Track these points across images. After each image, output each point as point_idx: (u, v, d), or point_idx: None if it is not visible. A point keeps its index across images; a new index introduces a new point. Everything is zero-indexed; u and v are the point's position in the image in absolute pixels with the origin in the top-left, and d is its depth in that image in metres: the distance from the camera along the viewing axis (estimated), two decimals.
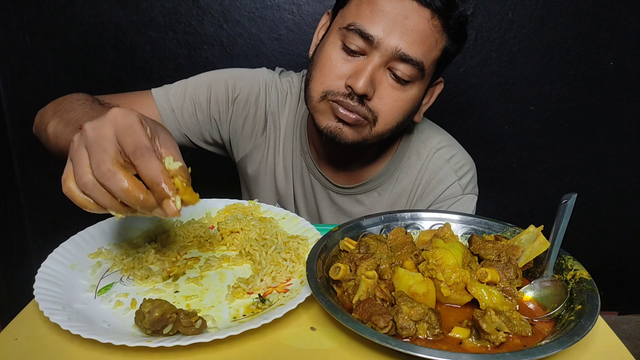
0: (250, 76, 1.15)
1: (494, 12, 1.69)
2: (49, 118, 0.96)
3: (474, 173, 1.15)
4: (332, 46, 0.95)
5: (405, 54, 0.89)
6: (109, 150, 0.56)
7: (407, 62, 0.90)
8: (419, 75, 0.93)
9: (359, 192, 1.14)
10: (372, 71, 0.91)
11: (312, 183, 1.16)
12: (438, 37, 0.92)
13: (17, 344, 0.61)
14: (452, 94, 1.80)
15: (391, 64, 0.92)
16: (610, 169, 1.92)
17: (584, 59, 1.75)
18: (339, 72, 0.93)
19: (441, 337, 0.61)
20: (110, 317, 0.66)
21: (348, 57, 0.93)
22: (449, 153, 1.13)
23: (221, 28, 1.70)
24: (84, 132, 0.59)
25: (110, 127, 0.58)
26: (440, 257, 0.68)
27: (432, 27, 0.90)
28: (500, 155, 1.91)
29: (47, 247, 0.77)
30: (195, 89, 1.11)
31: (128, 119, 0.58)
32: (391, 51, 0.89)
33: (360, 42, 0.91)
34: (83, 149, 0.58)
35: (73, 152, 0.59)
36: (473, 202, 1.13)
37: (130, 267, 0.77)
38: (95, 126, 0.58)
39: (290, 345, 0.62)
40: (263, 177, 1.18)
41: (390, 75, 0.93)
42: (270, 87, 1.15)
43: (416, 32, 0.89)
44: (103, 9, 1.66)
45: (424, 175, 1.12)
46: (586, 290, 0.66)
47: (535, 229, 0.75)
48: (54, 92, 1.76)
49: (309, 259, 0.71)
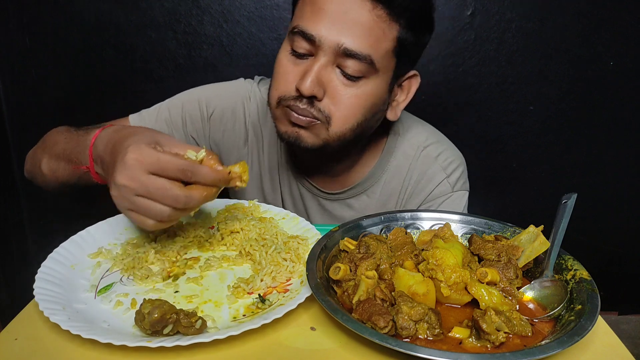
0: (225, 90, 1.14)
1: (492, 12, 1.69)
2: (40, 157, 0.97)
3: (464, 168, 1.13)
4: (283, 52, 0.94)
5: (349, 49, 0.86)
6: (170, 188, 0.67)
7: (353, 57, 0.87)
8: (370, 70, 0.89)
9: (348, 196, 1.12)
10: (319, 71, 0.88)
11: (301, 191, 1.14)
12: (385, 28, 0.88)
13: (17, 344, 0.61)
14: (451, 93, 1.80)
15: (339, 62, 0.89)
16: (610, 169, 1.92)
17: (584, 58, 1.75)
18: (289, 76, 0.91)
19: (441, 337, 0.61)
20: (110, 317, 0.66)
21: (297, 61, 0.91)
22: (437, 150, 1.11)
23: (221, 28, 1.70)
24: (119, 188, 0.67)
25: (147, 169, 0.66)
26: (440, 257, 0.68)
27: (376, 17, 0.86)
28: (500, 155, 1.90)
29: (47, 247, 0.77)
30: (169, 111, 1.11)
31: (148, 156, 0.66)
32: (334, 48, 0.87)
33: (305, 44, 0.89)
34: (140, 199, 0.67)
35: (127, 207, 0.68)
36: (464, 199, 1.11)
37: (130, 267, 0.77)
38: (131, 176, 0.66)
39: (290, 345, 0.62)
40: (250, 189, 1.17)
41: (339, 73, 0.90)
42: (248, 98, 1.13)
43: (358, 25, 0.86)
44: (103, 9, 1.66)
45: (412, 174, 1.11)
46: (586, 290, 0.66)
47: (535, 229, 0.75)
48: (53, 92, 1.78)
49: (309, 259, 0.71)
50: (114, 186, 0.68)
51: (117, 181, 0.67)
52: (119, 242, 0.85)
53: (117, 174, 0.67)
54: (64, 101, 1.79)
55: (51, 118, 1.78)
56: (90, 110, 1.78)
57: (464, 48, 1.73)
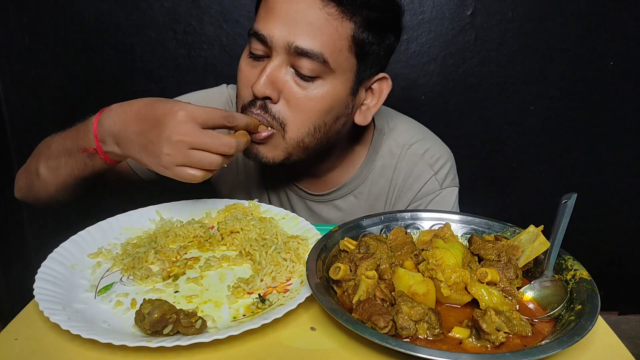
0: (207, 96, 1.13)
1: (493, 12, 1.69)
2: (35, 166, 0.96)
3: (452, 164, 1.12)
4: (243, 56, 0.93)
5: (299, 48, 0.85)
6: (218, 137, 0.76)
7: (305, 56, 0.85)
8: (325, 69, 0.87)
9: (335, 197, 1.12)
10: (272, 72, 0.87)
11: (288, 194, 1.14)
12: (338, 26, 0.86)
13: (17, 344, 0.61)
14: (451, 94, 1.80)
15: (292, 62, 0.87)
16: (610, 169, 1.92)
17: (584, 58, 1.75)
18: (247, 80, 0.91)
19: (441, 337, 0.61)
20: (110, 317, 0.66)
21: (254, 63, 0.91)
22: (422, 147, 1.10)
23: (221, 28, 1.70)
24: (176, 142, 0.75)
25: (199, 123, 0.75)
26: (440, 257, 0.68)
27: (327, 15, 0.85)
28: (500, 155, 1.90)
29: (47, 247, 0.77)
30: None
31: (196, 112, 0.76)
32: (286, 47, 0.86)
33: (259, 46, 0.88)
34: (195, 152, 0.75)
35: (185, 156, 0.75)
36: (453, 195, 1.10)
37: (130, 267, 0.77)
38: (185, 131, 0.74)
39: (290, 345, 0.62)
40: (237, 196, 1.15)
41: (294, 73, 0.88)
42: (231, 103, 1.13)
43: (308, 23, 0.85)
44: (103, 9, 1.66)
45: (399, 174, 1.10)
46: (586, 290, 0.66)
47: (535, 229, 0.75)
48: (53, 92, 1.78)
49: (309, 259, 0.71)
50: (168, 144, 0.74)
51: (173, 138, 0.74)
52: (119, 242, 0.85)
53: (171, 132, 0.74)
54: (64, 101, 1.79)
55: (51, 118, 1.78)
56: (90, 110, 1.76)
57: (464, 48, 1.73)
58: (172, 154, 0.75)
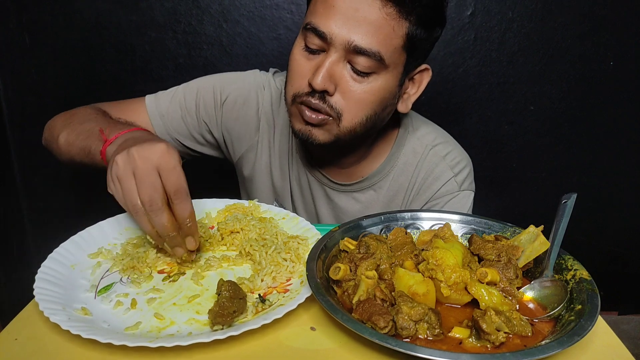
0: (239, 78, 1.17)
1: (493, 12, 1.69)
2: (60, 129, 1.04)
3: (470, 169, 1.15)
4: (296, 48, 0.96)
5: (359, 47, 0.88)
6: (159, 191, 0.71)
7: (363, 54, 0.89)
8: (380, 66, 0.91)
9: (356, 189, 1.14)
10: (330, 66, 0.90)
11: (309, 180, 1.16)
12: (395, 25, 0.89)
13: (17, 344, 0.61)
14: (451, 94, 1.80)
15: (349, 58, 0.90)
16: (610, 169, 1.92)
17: (584, 58, 1.75)
18: (302, 72, 0.94)
19: (441, 337, 0.61)
20: (110, 317, 0.66)
21: (310, 56, 0.94)
22: (445, 150, 1.13)
23: (221, 28, 1.70)
24: (130, 156, 0.72)
25: (157, 163, 0.71)
26: (440, 257, 0.68)
27: (386, 15, 0.88)
28: (500, 155, 1.90)
29: (47, 247, 0.77)
30: (184, 94, 1.14)
31: (172, 160, 0.72)
32: (345, 45, 0.88)
33: (317, 40, 0.91)
34: (130, 175, 0.71)
35: (120, 173, 0.72)
36: (470, 198, 1.12)
37: (130, 267, 0.77)
38: (144, 157, 0.71)
39: (290, 345, 0.62)
40: (259, 177, 1.19)
41: (350, 68, 0.92)
42: (262, 88, 1.16)
43: (368, 23, 0.87)
44: (103, 9, 1.66)
45: (420, 172, 1.12)
46: (586, 290, 0.66)
47: (535, 229, 0.75)
48: (53, 92, 1.78)
49: (309, 259, 0.71)
50: (125, 152, 0.73)
51: (132, 150, 0.72)
52: (119, 242, 0.85)
53: (139, 147, 0.73)
54: (64, 101, 1.78)
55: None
56: None
57: (464, 48, 1.73)
58: (120, 163, 0.73)
